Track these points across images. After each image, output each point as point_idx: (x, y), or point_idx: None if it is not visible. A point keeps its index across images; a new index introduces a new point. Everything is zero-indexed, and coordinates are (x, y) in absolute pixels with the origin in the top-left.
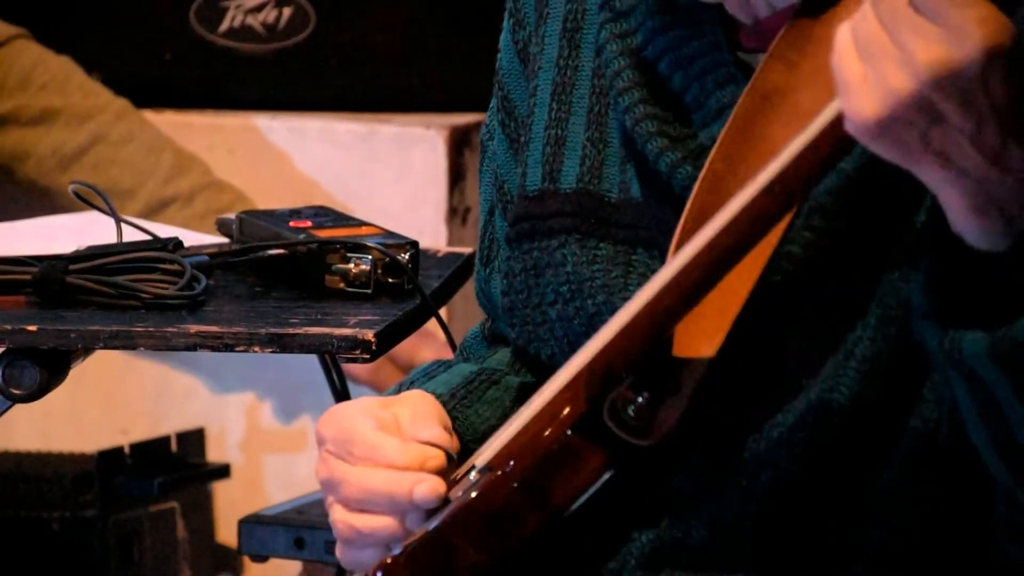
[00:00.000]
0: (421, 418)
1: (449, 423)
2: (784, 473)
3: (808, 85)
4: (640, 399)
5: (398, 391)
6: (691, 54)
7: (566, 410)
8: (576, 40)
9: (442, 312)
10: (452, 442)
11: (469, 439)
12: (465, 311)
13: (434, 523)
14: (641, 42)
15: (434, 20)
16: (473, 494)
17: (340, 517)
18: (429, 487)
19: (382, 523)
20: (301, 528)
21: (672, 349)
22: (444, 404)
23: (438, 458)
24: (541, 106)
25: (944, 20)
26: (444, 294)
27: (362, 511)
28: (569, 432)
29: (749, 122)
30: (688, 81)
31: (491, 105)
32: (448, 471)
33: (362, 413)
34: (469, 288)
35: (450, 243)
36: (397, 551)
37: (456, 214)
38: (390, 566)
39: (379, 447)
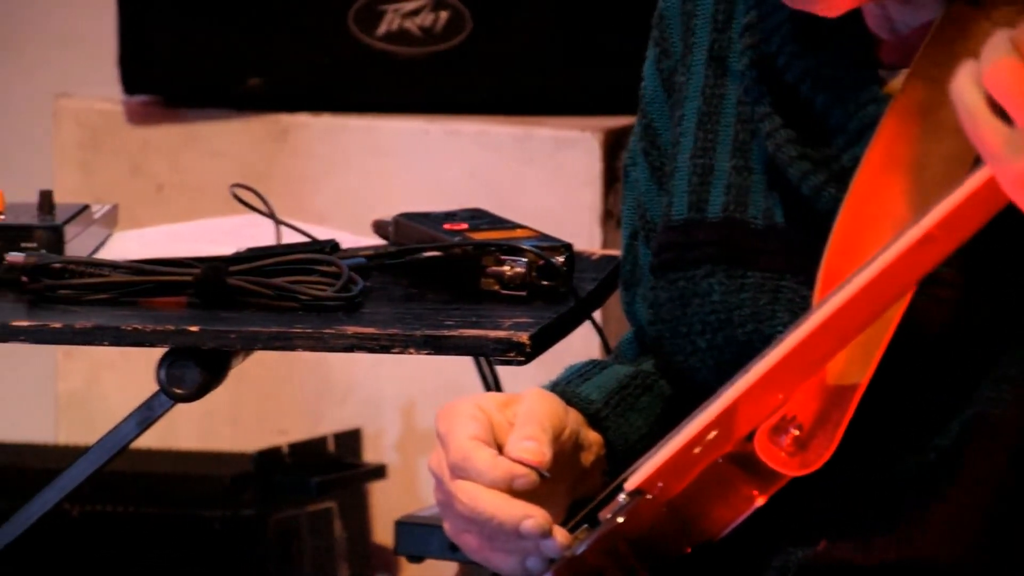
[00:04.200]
0: (524, 425)
1: (564, 426)
2: (942, 495)
3: (952, 101)
4: (794, 430)
5: (553, 390)
6: (832, 75)
7: (717, 437)
8: (722, 68)
9: (596, 315)
10: (545, 458)
11: (620, 448)
12: (620, 314)
13: (580, 548)
14: (782, 65)
15: (590, 22)
16: (621, 518)
17: (453, 532)
18: (536, 523)
19: (497, 541)
20: None
21: (825, 378)
22: (598, 412)
23: (527, 477)
24: (687, 135)
25: None
26: (598, 297)
27: (475, 532)
28: (721, 460)
29: (893, 141)
30: (830, 102)
31: (634, 131)
32: (544, 489)
33: (469, 415)
34: None
35: (605, 245)
36: None
37: (611, 216)
38: None
39: (469, 458)
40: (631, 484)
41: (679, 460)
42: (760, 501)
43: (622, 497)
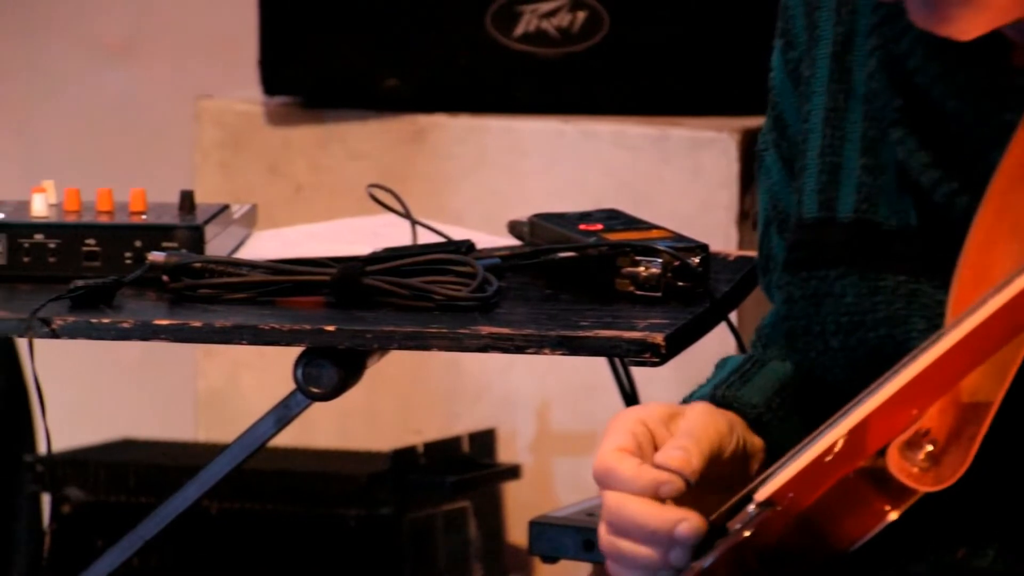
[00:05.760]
0: (679, 437)
1: (726, 444)
2: None
3: None
4: (928, 445)
5: (712, 393)
6: (965, 80)
7: (849, 452)
8: (846, 63)
9: (732, 316)
10: (691, 465)
11: (781, 453)
12: (756, 316)
13: (708, 560)
14: (912, 68)
15: (726, 22)
16: (747, 532)
17: (604, 534)
18: (691, 526)
19: (644, 552)
20: (591, 530)
21: (959, 394)
22: (760, 416)
23: (672, 483)
24: (814, 132)
25: None
26: (734, 298)
27: (624, 535)
28: (852, 474)
29: None
30: (963, 108)
31: (765, 121)
32: (690, 495)
33: (627, 428)
34: (759, 292)
35: (741, 246)
36: None
37: (747, 217)
38: None
39: (613, 469)
40: (761, 495)
41: (810, 473)
42: (892, 516)
43: (751, 508)
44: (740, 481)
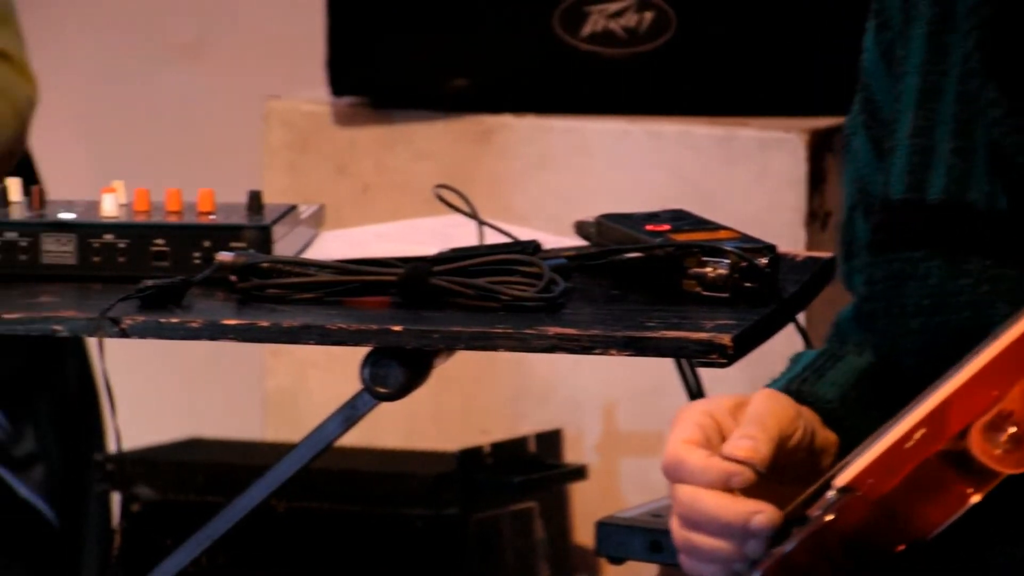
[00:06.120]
0: (746, 426)
1: (793, 429)
2: None
3: None
4: (1010, 427)
5: (787, 387)
6: None
7: (929, 434)
8: (942, 44)
9: (800, 317)
10: (759, 454)
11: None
12: (824, 317)
13: (789, 546)
14: (1011, 49)
15: (795, 22)
16: (828, 517)
17: (677, 528)
18: (767, 518)
19: (718, 545)
20: (658, 532)
21: None
22: (834, 411)
23: (742, 474)
24: (905, 112)
25: None
26: (802, 299)
27: (697, 528)
28: (933, 457)
29: None
30: None
31: (854, 103)
32: (760, 483)
33: (694, 420)
34: (827, 293)
35: (809, 247)
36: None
37: (816, 218)
38: None
39: (683, 461)
40: (841, 480)
41: (890, 457)
42: (975, 499)
43: (831, 494)
44: (811, 474)
